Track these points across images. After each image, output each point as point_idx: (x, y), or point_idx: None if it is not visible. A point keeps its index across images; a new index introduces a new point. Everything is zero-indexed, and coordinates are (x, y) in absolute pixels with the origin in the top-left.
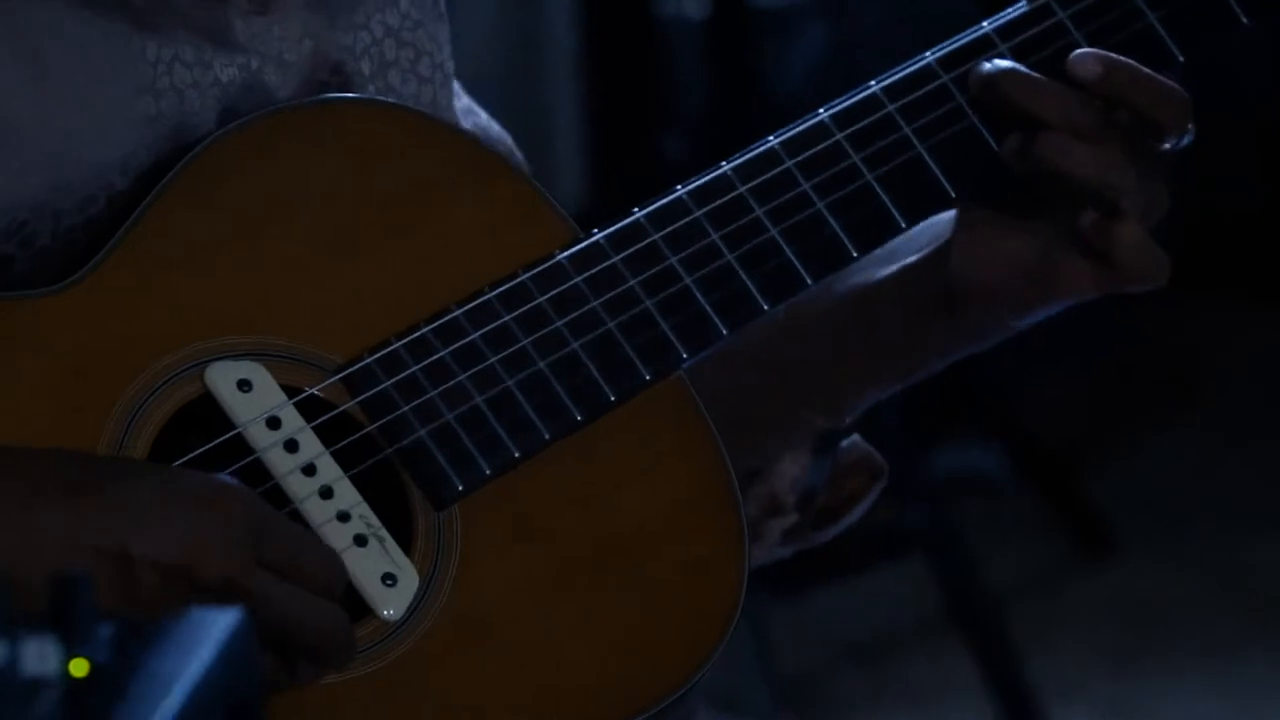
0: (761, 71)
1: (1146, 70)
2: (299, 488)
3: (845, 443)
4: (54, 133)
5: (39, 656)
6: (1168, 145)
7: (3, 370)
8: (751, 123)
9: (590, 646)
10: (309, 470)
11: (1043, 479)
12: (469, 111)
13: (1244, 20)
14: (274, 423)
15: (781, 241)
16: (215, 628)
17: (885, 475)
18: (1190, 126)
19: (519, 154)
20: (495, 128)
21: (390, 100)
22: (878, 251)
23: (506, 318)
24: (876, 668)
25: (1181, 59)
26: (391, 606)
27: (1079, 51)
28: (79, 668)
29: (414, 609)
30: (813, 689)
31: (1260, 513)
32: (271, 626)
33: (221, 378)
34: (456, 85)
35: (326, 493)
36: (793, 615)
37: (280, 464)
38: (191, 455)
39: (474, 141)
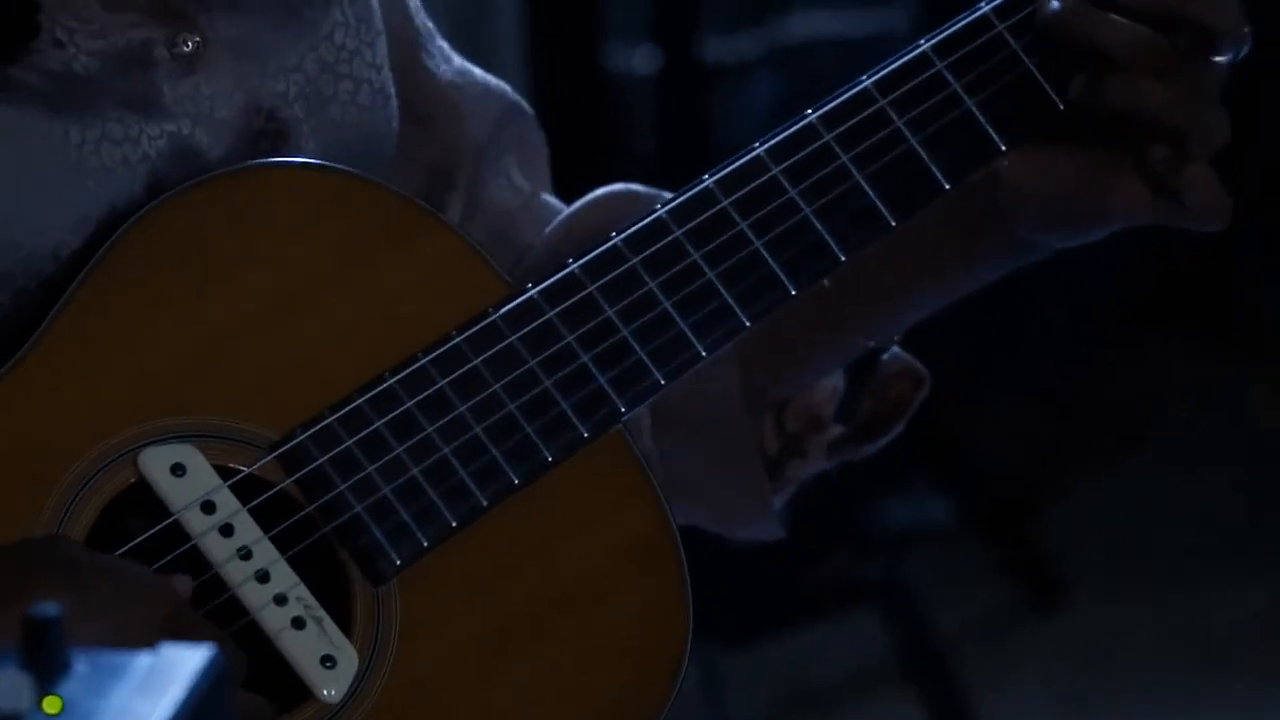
0: (711, 123)
1: None
2: (235, 573)
3: (886, 355)
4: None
5: (13, 693)
6: (1226, 57)
7: None
8: (703, 171)
9: (539, 707)
10: (245, 554)
11: (991, 527)
12: (462, 73)
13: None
14: (209, 506)
15: (718, 285)
16: (188, 665)
17: (928, 383)
18: (1246, 30)
19: (514, 97)
20: (493, 81)
21: (314, 162)
22: None
23: (441, 383)
24: (828, 716)
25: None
26: (332, 688)
27: None
28: (53, 705)
29: (355, 689)
30: None
31: (1208, 559)
32: None
33: (155, 463)
34: (445, 47)
35: (263, 576)
36: (744, 664)
37: (217, 549)
38: (127, 547)
39: (402, 198)
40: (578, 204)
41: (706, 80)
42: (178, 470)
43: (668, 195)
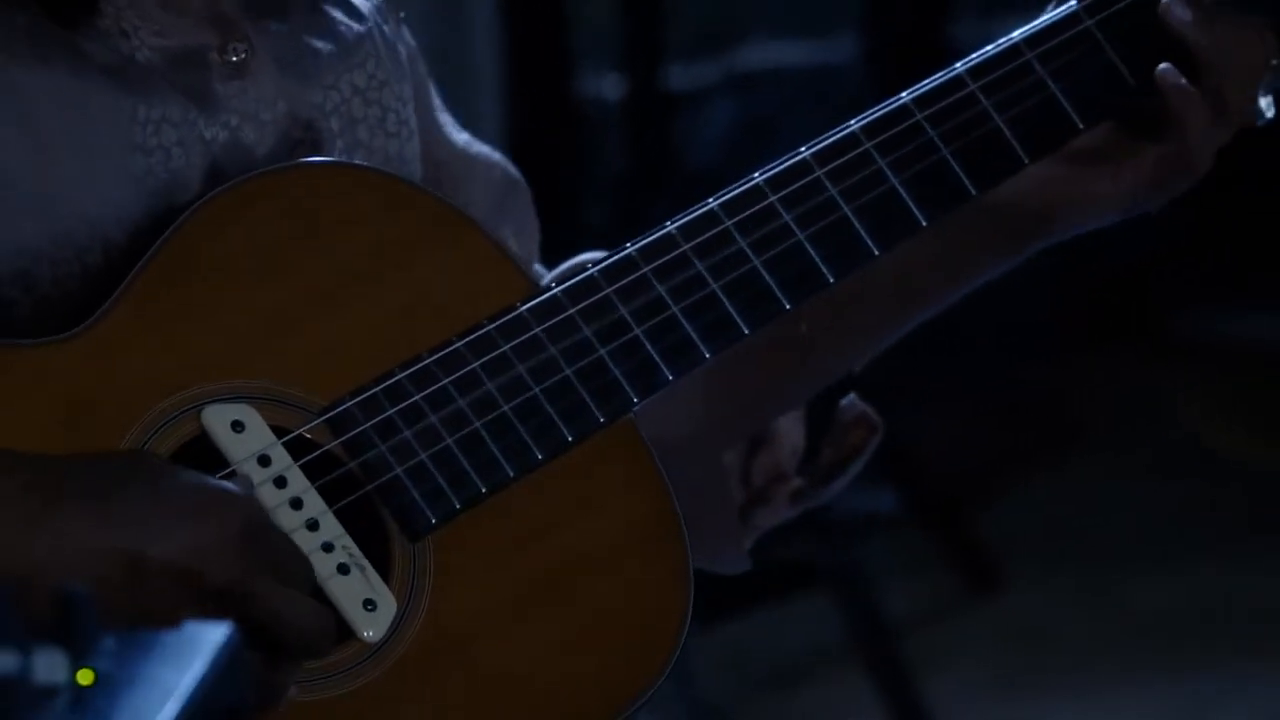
0: (675, 145)
1: None
2: (287, 520)
3: (844, 401)
4: (48, 186)
5: (49, 666)
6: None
7: (14, 413)
8: (666, 193)
9: (552, 662)
10: (296, 504)
11: (935, 518)
12: (470, 143)
13: (1131, 82)
14: (264, 460)
15: (721, 295)
16: (208, 640)
17: (881, 429)
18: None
19: (515, 172)
20: (496, 155)
21: (359, 162)
22: None
23: (474, 364)
24: (785, 693)
25: (1081, 125)
26: (372, 629)
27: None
28: (85, 676)
29: (393, 631)
30: (727, 712)
31: (1135, 547)
32: (265, 622)
33: (217, 419)
34: (450, 120)
35: (313, 525)
36: (709, 644)
37: (270, 498)
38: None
39: (438, 199)
40: (558, 269)
41: (670, 106)
42: (237, 427)
43: None
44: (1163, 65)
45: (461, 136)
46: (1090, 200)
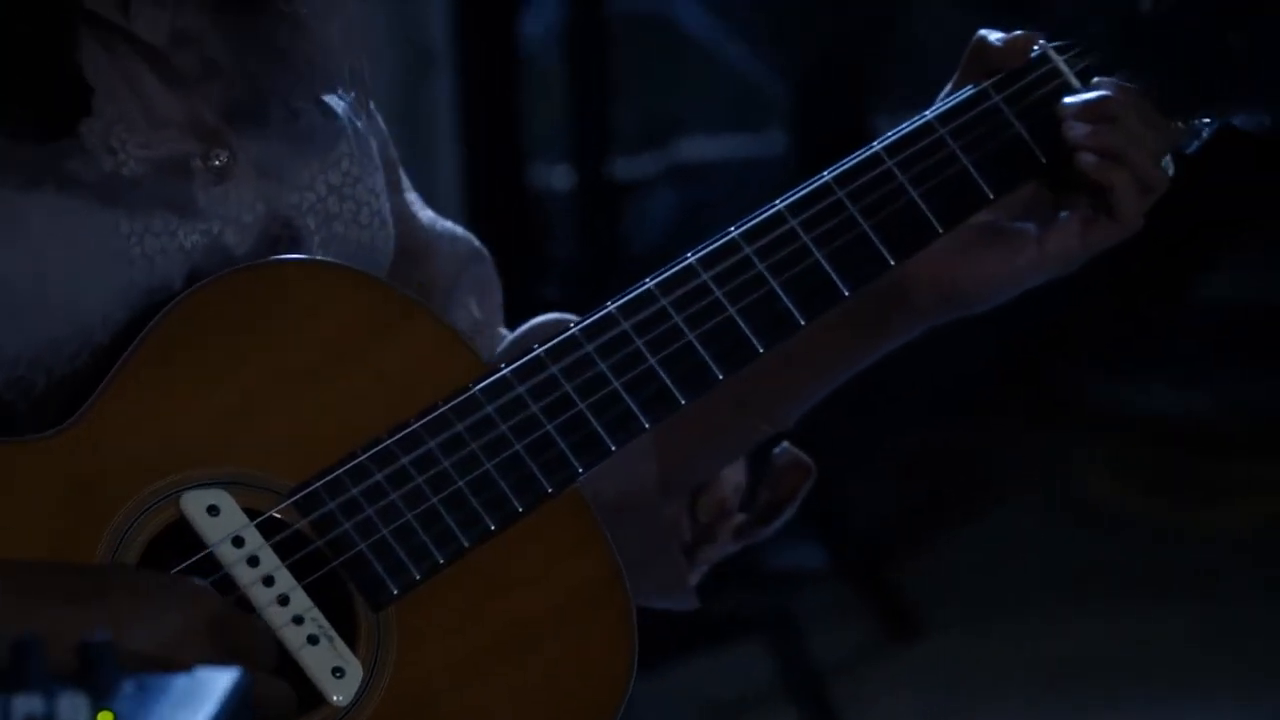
0: (620, 231)
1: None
2: (260, 596)
3: (778, 449)
4: (41, 296)
5: (72, 709)
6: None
7: (9, 503)
8: (613, 273)
9: (510, 715)
10: (269, 581)
11: (859, 571)
12: (434, 220)
13: (1039, 154)
14: (238, 541)
15: (658, 369)
16: (219, 684)
17: (814, 474)
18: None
19: (478, 244)
20: (460, 230)
21: (326, 259)
22: None
23: (431, 444)
24: None
25: (991, 196)
26: (340, 694)
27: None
28: (106, 718)
29: (360, 695)
30: None
31: (1041, 598)
32: None
33: (194, 504)
34: (417, 199)
35: (284, 600)
36: (652, 687)
37: (245, 577)
38: (172, 573)
39: (394, 288)
40: (518, 330)
41: (615, 194)
42: (212, 511)
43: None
44: (1075, 132)
45: (426, 214)
46: (1012, 271)
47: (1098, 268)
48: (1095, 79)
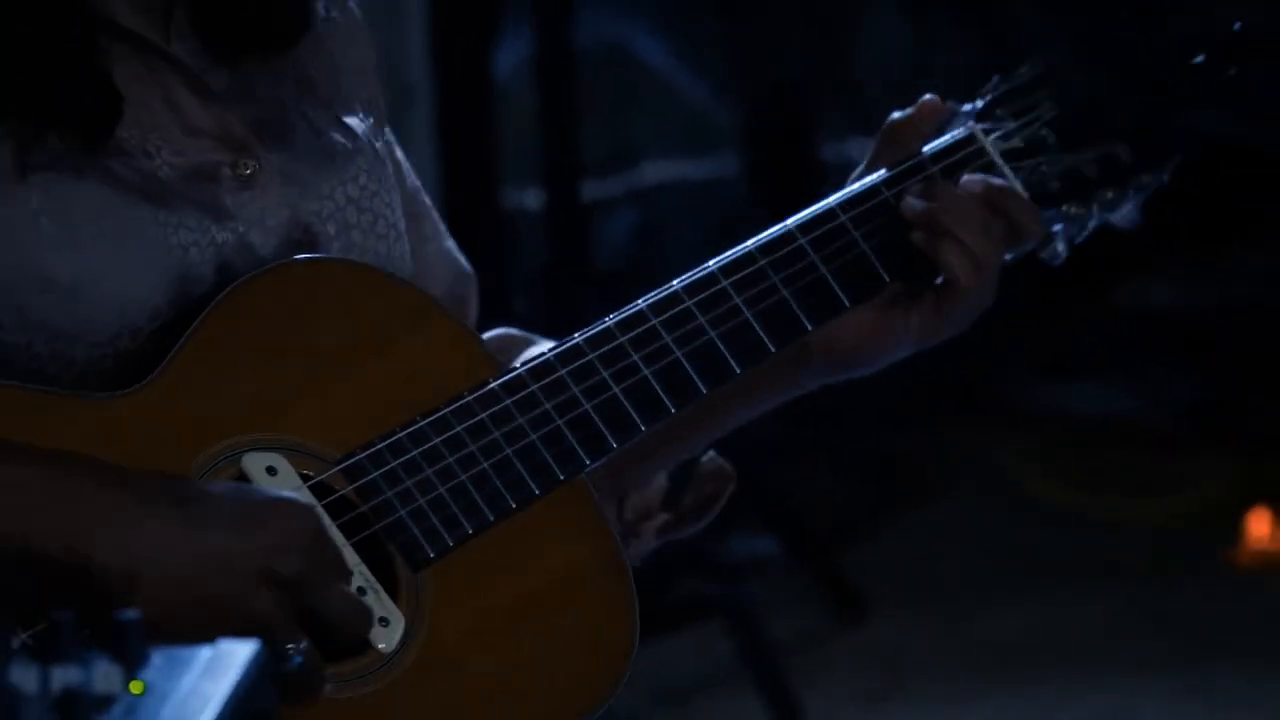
0: (586, 248)
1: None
2: None
3: (705, 456)
4: (84, 281)
5: (106, 678)
6: (1019, 250)
7: (89, 451)
8: (580, 287)
9: (528, 675)
10: None
11: (808, 559)
12: (456, 250)
13: (887, 279)
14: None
15: (652, 379)
16: (239, 655)
17: (734, 480)
18: (1039, 233)
19: (471, 273)
20: (467, 266)
21: (356, 260)
22: None
23: (458, 428)
24: (684, 708)
25: (888, 279)
26: (385, 641)
27: (969, 177)
28: (137, 687)
29: (403, 643)
30: None
31: (979, 586)
32: (322, 611)
33: (255, 464)
34: (442, 227)
35: None
36: None
37: None
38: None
39: (417, 290)
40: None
41: (582, 214)
42: (271, 471)
43: (538, 339)
44: (908, 211)
45: (449, 244)
46: (891, 340)
47: (1029, 278)
48: (965, 176)
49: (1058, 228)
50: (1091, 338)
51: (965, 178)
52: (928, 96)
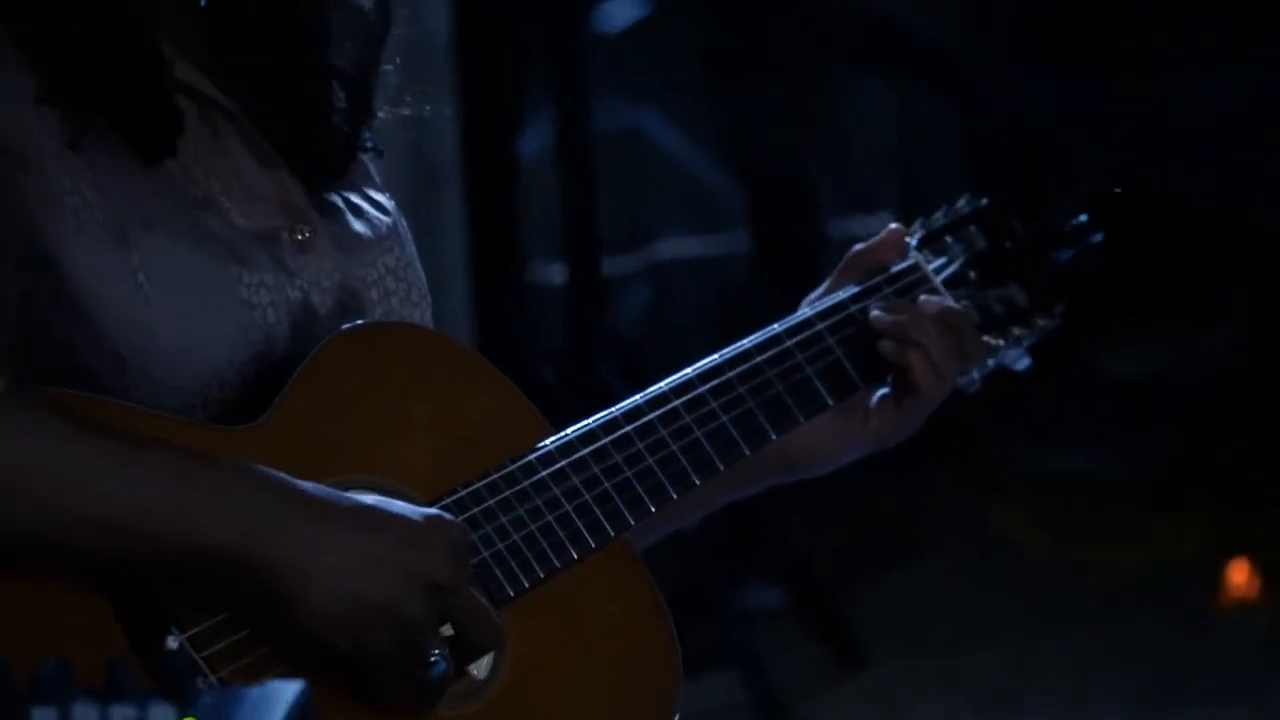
0: (606, 320)
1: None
2: None
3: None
4: (183, 339)
5: (160, 717)
6: (967, 369)
7: None
8: (600, 356)
9: (595, 705)
10: None
11: (811, 610)
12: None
13: (861, 385)
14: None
15: (679, 455)
16: (285, 694)
17: None
18: (980, 355)
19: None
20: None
21: (429, 328)
22: None
23: (525, 483)
24: None
25: (861, 384)
26: (478, 668)
27: (926, 297)
28: None
29: (492, 671)
30: None
31: (972, 626)
32: (462, 619)
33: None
34: None
35: None
36: None
37: None
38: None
39: (480, 357)
40: None
41: (602, 288)
42: None
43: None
44: (878, 324)
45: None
46: (849, 443)
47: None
48: (922, 296)
49: None
50: (1073, 403)
51: (924, 298)
52: (893, 226)
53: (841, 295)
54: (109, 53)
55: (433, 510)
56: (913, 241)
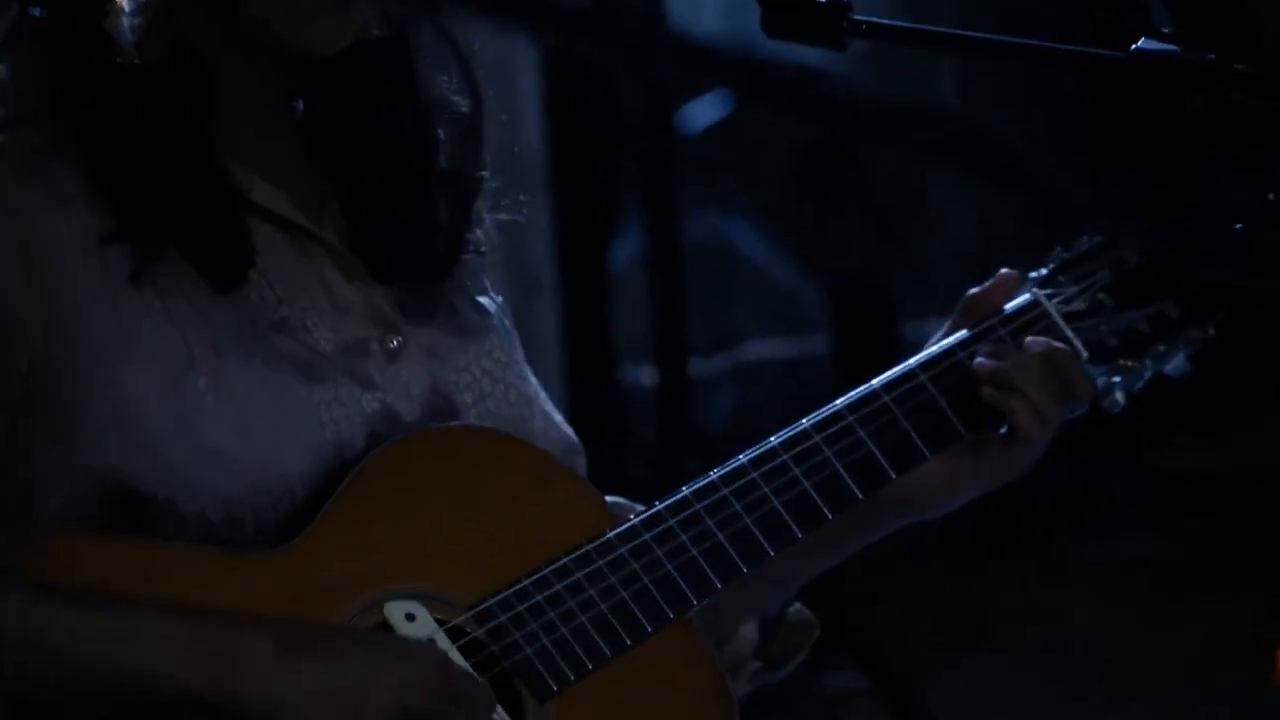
0: (694, 420)
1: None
2: None
3: (791, 608)
4: (251, 454)
5: None
6: (1076, 408)
7: (246, 603)
8: (690, 455)
9: None
10: None
11: (892, 693)
12: (561, 424)
13: (962, 431)
14: (431, 642)
15: (752, 526)
16: None
17: (819, 629)
18: (1088, 393)
19: (576, 439)
20: (570, 434)
21: (489, 427)
22: None
23: (578, 574)
24: None
25: (962, 430)
26: None
27: (1032, 339)
28: None
29: None
30: None
31: (1041, 705)
32: None
33: (395, 612)
34: (550, 405)
35: None
36: None
37: None
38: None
39: (546, 453)
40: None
41: (690, 389)
42: (409, 618)
43: (640, 507)
44: (980, 370)
45: (556, 418)
46: (960, 486)
47: (1074, 443)
48: (1029, 338)
49: (1116, 379)
50: (1130, 494)
51: (1029, 339)
52: (1004, 271)
53: (949, 341)
54: (180, 184)
55: (409, 639)
56: (1034, 275)
